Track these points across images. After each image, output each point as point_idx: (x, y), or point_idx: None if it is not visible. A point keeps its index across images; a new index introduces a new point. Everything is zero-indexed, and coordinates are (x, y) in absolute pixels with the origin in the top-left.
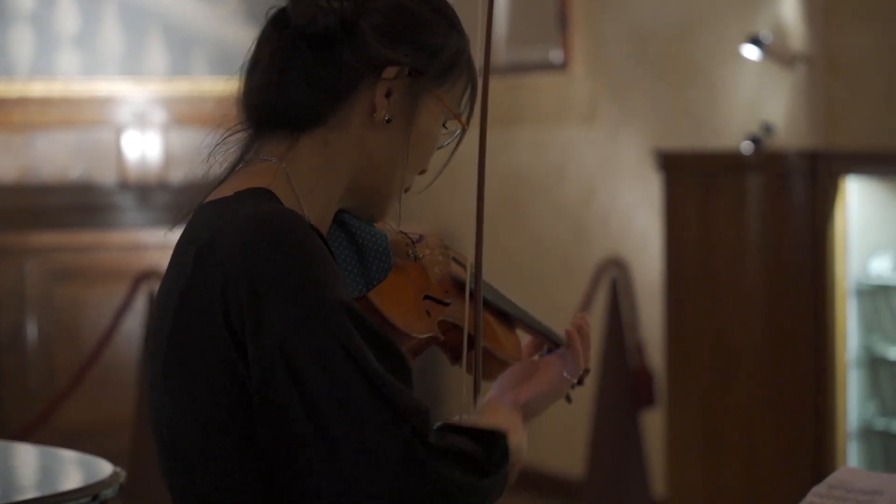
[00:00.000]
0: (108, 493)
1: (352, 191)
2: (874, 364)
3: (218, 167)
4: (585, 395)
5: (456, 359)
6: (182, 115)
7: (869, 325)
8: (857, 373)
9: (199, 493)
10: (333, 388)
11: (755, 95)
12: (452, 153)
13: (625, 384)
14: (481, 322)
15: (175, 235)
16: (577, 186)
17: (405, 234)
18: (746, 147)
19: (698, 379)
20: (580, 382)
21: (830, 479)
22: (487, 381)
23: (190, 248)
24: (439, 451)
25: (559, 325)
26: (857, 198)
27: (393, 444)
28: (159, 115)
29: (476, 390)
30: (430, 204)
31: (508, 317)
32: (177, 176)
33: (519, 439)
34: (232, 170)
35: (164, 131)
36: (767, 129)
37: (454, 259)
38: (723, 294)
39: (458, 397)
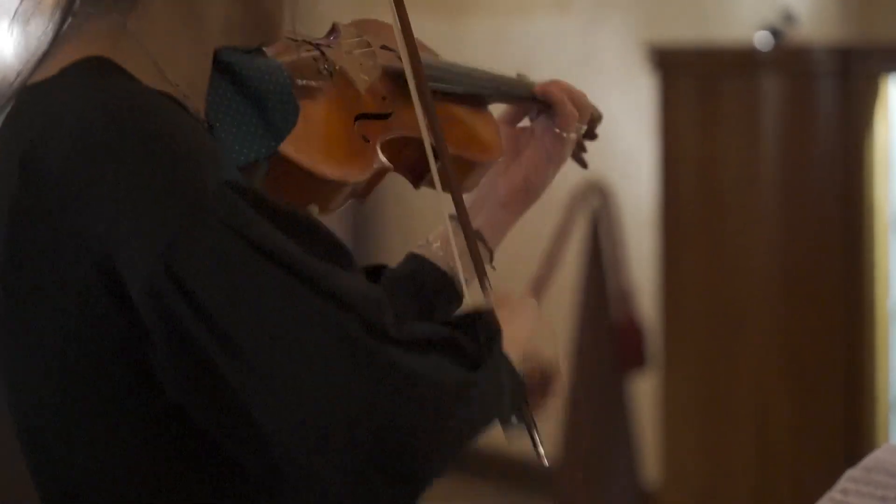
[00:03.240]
0: None
1: (230, 29)
2: None
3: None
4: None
5: (418, 179)
6: None
7: None
8: None
9: (68, 490)
10: (243, 293)
11: None
12: None
13: (607, 342)
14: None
15: None
16: None
17: (309, 42)
18: (762, 40)
19: (700, 335)
20: (589, 136)
21: (868, 460)
22: (470, 191)
23: (12, 153)
24: (404, 341)
25: (528, 264)
26: None
27: (338, 343)
28: None
29: (461, 212)
30: None
31: (476, 98)
32: None
33: (521, 332)
34: (55, 36)
35: None
36: (788, 17)
37: (384, 47)
38: (731, 228)
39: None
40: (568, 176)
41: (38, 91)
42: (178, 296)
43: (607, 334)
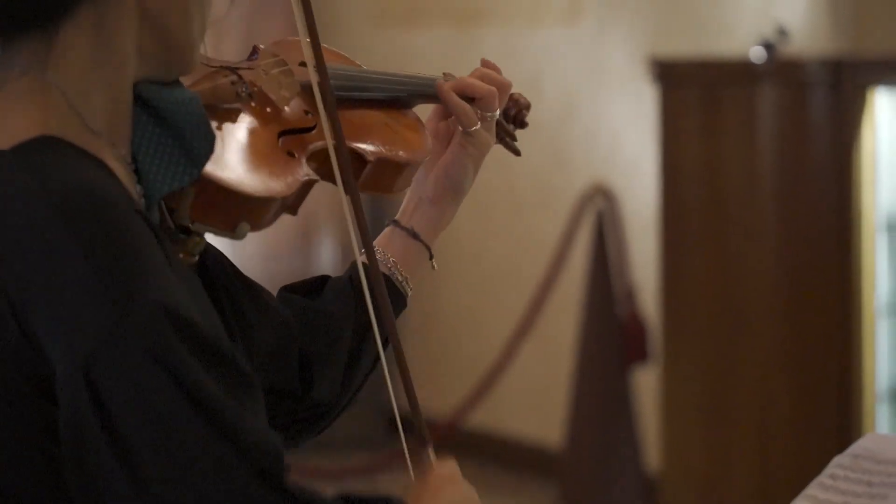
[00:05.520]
0: None
1: (144, 62)
2: None
3: None
4: (564, 351)
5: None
6: None
7: None
8: (889, 323)
9: None
10: (148, 418)
11: None
12: None
13: (612, 337)
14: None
15: None
16: (555, 100)
17: (226, 67)
18: (758, 54)
19: (700, 331)
20: (518, 123)
21: (855, 447)
22: (400, 192)
23: None
24: (300, 497)
25: (537, 264)
26: (888, 114)
27: (234, 491)
28: None
29: (358, 215)
30: None
31: (397, 101)
32: None
33: None
34: None
35: None
36: (782, 32)
37: (302, 64)
38: (730, 230)
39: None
40: (575, 180)
41: None
42: (87, 398)
43: (612, 330)
